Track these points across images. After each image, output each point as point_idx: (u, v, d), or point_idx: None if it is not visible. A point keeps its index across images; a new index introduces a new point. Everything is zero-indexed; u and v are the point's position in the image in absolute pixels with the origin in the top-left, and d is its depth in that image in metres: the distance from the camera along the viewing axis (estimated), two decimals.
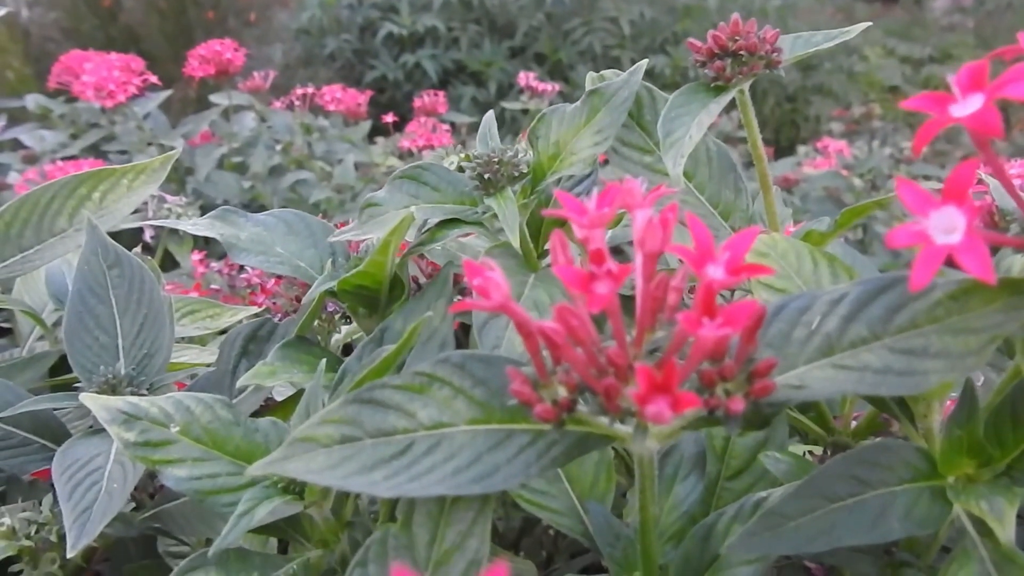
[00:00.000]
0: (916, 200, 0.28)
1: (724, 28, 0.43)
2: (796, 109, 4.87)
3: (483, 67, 4.62)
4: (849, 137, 3.53)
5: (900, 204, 0.30)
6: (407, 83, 4.62)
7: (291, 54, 4.80)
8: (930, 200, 0.28)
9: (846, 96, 4.82)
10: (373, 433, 0.34)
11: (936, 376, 0.31)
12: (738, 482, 0.46)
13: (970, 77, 0.28)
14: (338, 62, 4.75)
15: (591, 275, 0.28)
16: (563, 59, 4.70)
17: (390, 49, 4.69)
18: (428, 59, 4.58)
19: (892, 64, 5.02)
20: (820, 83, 4.86)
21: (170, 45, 4.21)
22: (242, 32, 4.40)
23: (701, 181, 0.51)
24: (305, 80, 4.42)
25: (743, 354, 0.30)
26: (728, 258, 0.28)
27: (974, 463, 0.35)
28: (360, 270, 0.47)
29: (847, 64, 4.95)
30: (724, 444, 0.47)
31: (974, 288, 0.31)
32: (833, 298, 0.33)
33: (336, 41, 4.67)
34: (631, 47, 4.69)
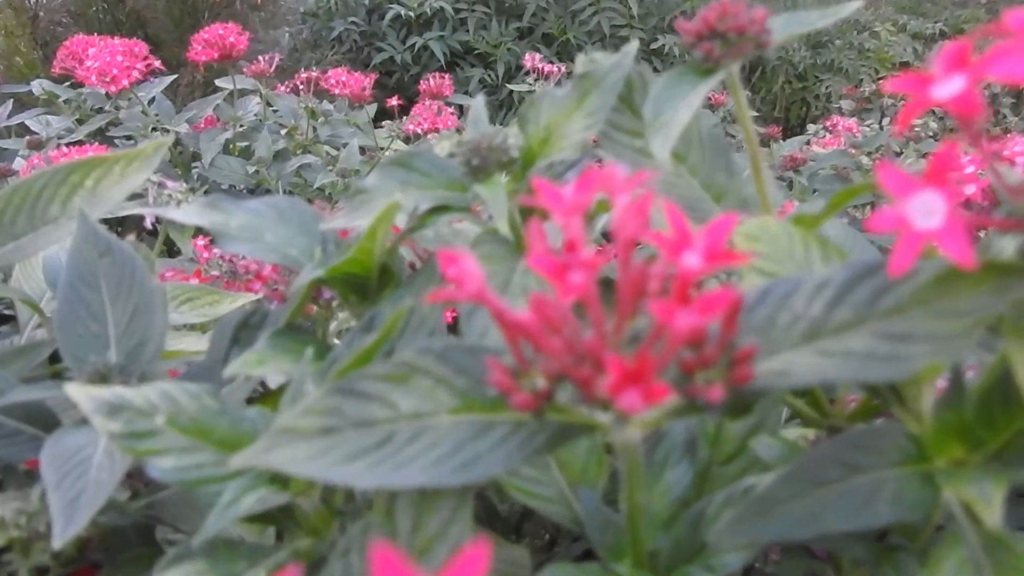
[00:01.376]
0: (897, 184, 0.27)
1: (714, 8, 0.43)
2: (806, 87, 4.83)
3: (491, 49, 4.60)
4: (859, 115, 3.49)
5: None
6: (415, 65, 4.61)
7: (298, 37, 4.79)
8: (911, 183, 0.27)
9: (857, 73, 4.77)
10: (355, 423, 0.34)
11: (921, 360, 0.30)
12: (730, 467, 0.46)
13: (952, 57, 0.28)
14: (345, 45, 4.74)
15: (566, 264, 0.27)
16: (571, 40, 4.68)
17: (397, 31, 4.68)
18: (436, 41, 4.56)
19: (903, 40, 4.97)
20: (830, 60, 4.82)
21: (177, 28, 4.20)
22: (249, 15, 4.39)
23: (694, 164, 0.50)
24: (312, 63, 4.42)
25: (724, 341, 0.30)
26: (706, 245, 0.27)
27: (964, 447, 0.35)
28: (348, 258, 0.46)
29: (857, 41, 4.90)
30: (716, 429, 0.47)
31: (960, 271, 0.31)
32: (819, 282, 0.33)
33: (343, 24, 4.66)
34: (640, 26, 4.66)
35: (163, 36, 4.20)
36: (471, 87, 4.52)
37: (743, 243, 0.44)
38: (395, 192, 0.49)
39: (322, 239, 0.52)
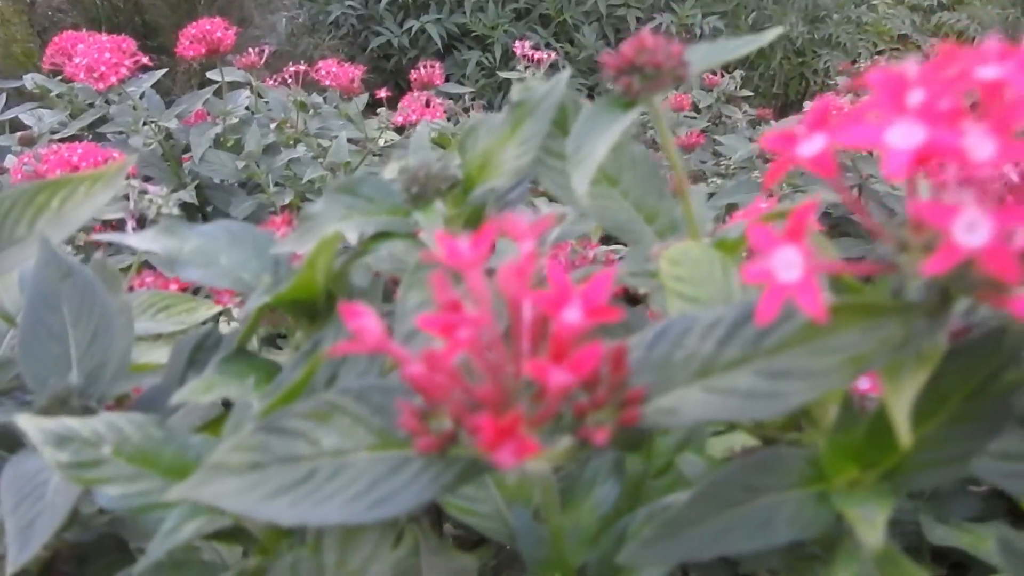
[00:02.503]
0: (762, 239, 0.29)
1: (632, 43, 0.44)
2: (805, 62, 4.81)
3: (488, 31, 4.59)
4: (856, 91, 3.49)
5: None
6: (412, 49, 4.61)
7: (295, 22, 4.79)
8: (774, 239, 0.29)
9: (855, 48, 4.75)
10: (280, 459, 0.36)
11: (797, 397, 0.32)
12: (662, 480, 0.48)
13: (815, 117, 0.30)
14: (343, 29, 4.74)
15: (453, 321, 0.29)
16: (568, 20, 4.67)
17: (395, 15, 4.67)
18: (433, 24, 4.56)
19: (902, 12, 4.94)
20: (828, 35, 4.80)
21: (174, 14, 4.21)
22: (244, 1, 4.39)
23: (627, 187, 0.52)
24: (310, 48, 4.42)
25: (613, 385, 0.32)
26: (585, 301, 0.29)
27: (858, 467, 0.37)
28: (292, 285, 0.48)
29: (855, 15, 4.88)
30: (648, 443, 0.49)
31: (836, 311, 0.33)
32: (711, 321, 0.35)
33: (340, 7, 4.65)
34: (636, 5, 4.65)
35: (161, 22, 4.21)
36: (468, 70, 4.52)
37: (667, 266, 0.46)
38: (341, 218, 0.51)
39: (275, 263, 0.54)
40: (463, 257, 0.31)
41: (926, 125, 0.27)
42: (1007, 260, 0.25)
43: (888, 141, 0.27)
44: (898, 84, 0.28)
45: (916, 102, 0.27)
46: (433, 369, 0.30)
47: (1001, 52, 0.28)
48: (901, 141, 0.27)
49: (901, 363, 0.32)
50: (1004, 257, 0.25)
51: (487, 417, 0.27)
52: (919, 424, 0.36)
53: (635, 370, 0.35)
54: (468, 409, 0.31)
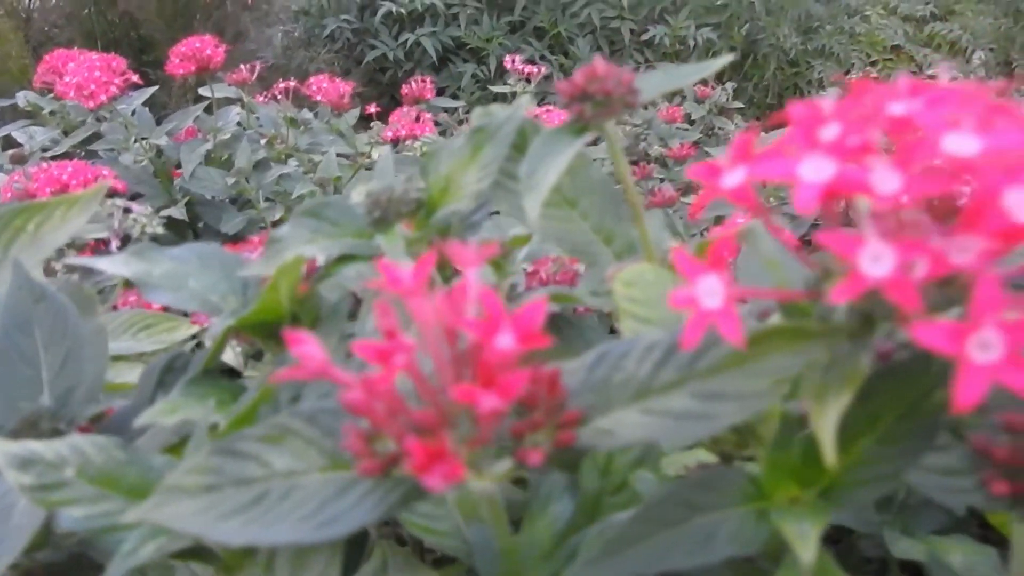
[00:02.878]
0: (688, 268, 0.30)
1: (584, 70, 0.46)
2: (799, 73, 4.83)
3: (483, 44, 4.62)
4: None
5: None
6: (408, 62, 4.63)
7: (291, 35, 4.81)
8: (698, 267, 0.30)
9: (848, 58, 4.78)
10: (234, 481, 0.37)
11: (728, 418, 0.33)
12: (619, 497, 0.49)
13: (738, 149, 0.31)
14: (338, 42, 4.76)
15: (389, 348, 0.30)
16: (562, 33, 4.70)
17: (390, 28, 4.70)
18: (428, 37, 4.58)
19: (894, 23, 4.97)
20: (821, 46, 4.82)
21: (169, 28, 4.22)
22: (240, 15, 4.42)
23: (585, 209, 0.53)
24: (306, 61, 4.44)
25: (549, 407, 0.33)
26: (517, 328, 0.30)
27: (797, 485, 0.38)
28: (255, 308, 0.49)
29: (848, 25, 4.91)
30: (606, 460, 0.50)
31: (767, 334, 0.34)
32: (649, 343, 0.36)
33: (336, 21, 4.68)
34: (630, 17, 4.67)
35: (156, 36, 4.23)
36: (464, 83, 4.54)
37: (621, 288, 0.47)
38: (306, 241, 0.53)
39: (243, 285, 0.56)
40: (404, 284, 0.32)
41: (836, 160, 0.28)
42: (908, 290, 0.26)
43: (800, 175, 0.28)
44: (813, 119, 0.29)
45: (828, 137, 0.28)
46: (371, 394, 0.31)
47: (912, 88, 0.29)
48: (812, 175, 0.28)
49: (827, 385, 0.33)
50: (905, 287, 0.26)
51: (417, 441, 0.28)
52: (853, 443, 0.37)
53: (576, 392, 0.36)
54: (409, 432, 0.32)
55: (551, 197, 0.54)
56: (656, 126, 3.03)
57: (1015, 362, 0.25)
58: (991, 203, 0.26)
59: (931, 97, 0.29)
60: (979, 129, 0.27)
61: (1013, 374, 0.25)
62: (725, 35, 4.75)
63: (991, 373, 0.25)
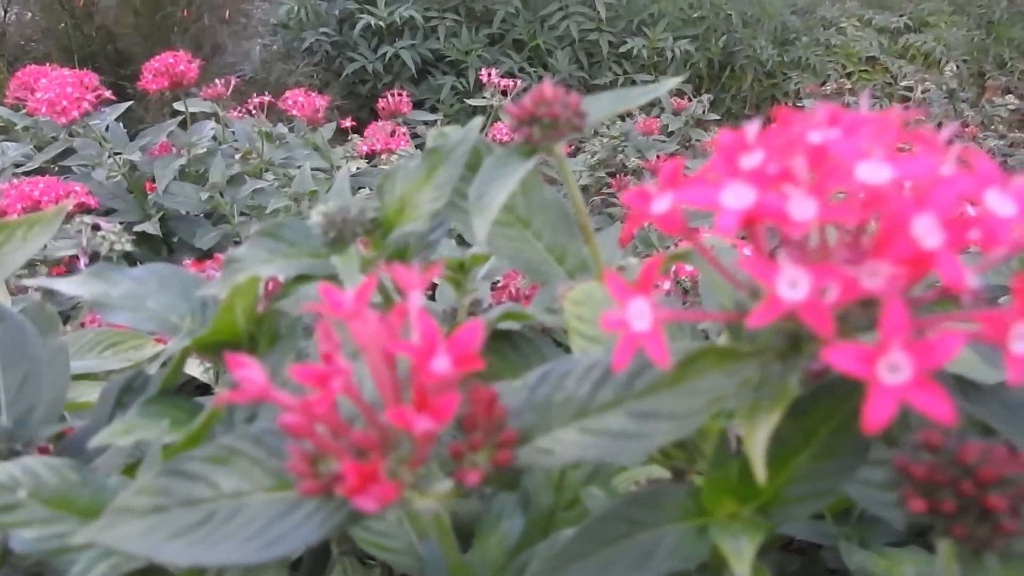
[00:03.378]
0: (618, 290, 0.31)
1: (533, 94, 0.46)
2: (776, 84, 4.88)
3: (462, 56, 4.63)
4: None
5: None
6: (387, 74, 4.64)
7: (269, 49, 4.82)
8: (628, 291, 0.31)
9: (824, 69, 4.83)
10: (181, 502, 0.37)
11: (662, 437, 0.34)
12: (571, 512, 0.50)
13: (667, 176, 0.32)
14: (317, 55, 4.77)
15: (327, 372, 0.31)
16: (541, 45, 4.72)
17: (369, 41, 4.71)
18: (407, 50, 4.60)
19: (869, 35, 5.02)
20: (798, 58, 4.87)
21: (146, 42, 4.21)
22: (218, 29, 4.41)
23: (538, 229, 0.54)
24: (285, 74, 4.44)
25: (487, 428, 0.34)
26: (452, 351, 0.31)
27: (735, 501, 0.39)
28: (211, 328, 0.50)
29: (824, 37, 4.96)
30: (559, 476, 0.51)
31: (701, 355, 0.35)
32: (589, 364, 0.37)
33: (314, 34, 4.69)
34: (608, 29, 4.71)
35: (133, 50, 4.22)
36: (443, 95, 4.56)
37: (570, 307, 0.48)
38: (263, 262, 0.53)
39: (203, 305, 0.56)
40: (344, 308, 0.33)
41: (756, 188, 0.29)
42: (821, 314, 0.27)
43: (722, 202, 0.29)
44: (736, 147, 0.30)
45: (749, 165, 0.29)
46: (309, 416, 0.31)
47: (831, 118, 0.30)
48: (733, 202, 0.29)
49: (758, 404, 0.34)
50: (819, 311, 0.27)
51: (352, 463, 0.29)
52: (789, 459, 0.38)
53: (519, 411, 0.37)
54: (350, 453, 0.33)
55: (505, 217, 0.55)
56: (633, 138, 3.05)
57: (922, 383, 0.26)
58: (900, 230, 0.27)
59: (848, 126, 0.30)
60: (891, 158, 0.28)
61: (920, 395, 0.26)
62: (702, 47, 4.79)
63: (900, 394, 0.26)
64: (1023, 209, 0.27)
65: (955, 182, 0.27)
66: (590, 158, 2.99)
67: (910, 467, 0.30)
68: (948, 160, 0.29)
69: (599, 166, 2.98)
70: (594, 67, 4.78)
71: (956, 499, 0.29)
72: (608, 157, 3.01)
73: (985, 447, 0.30)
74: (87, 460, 0.53)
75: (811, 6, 5.28)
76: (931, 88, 3.51)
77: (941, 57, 4.83)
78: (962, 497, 0.29)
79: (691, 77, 4.75)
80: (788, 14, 5.02)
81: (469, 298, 0.65)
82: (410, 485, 0.34)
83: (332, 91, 4.38)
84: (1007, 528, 0.28)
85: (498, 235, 0.54)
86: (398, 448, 0.33)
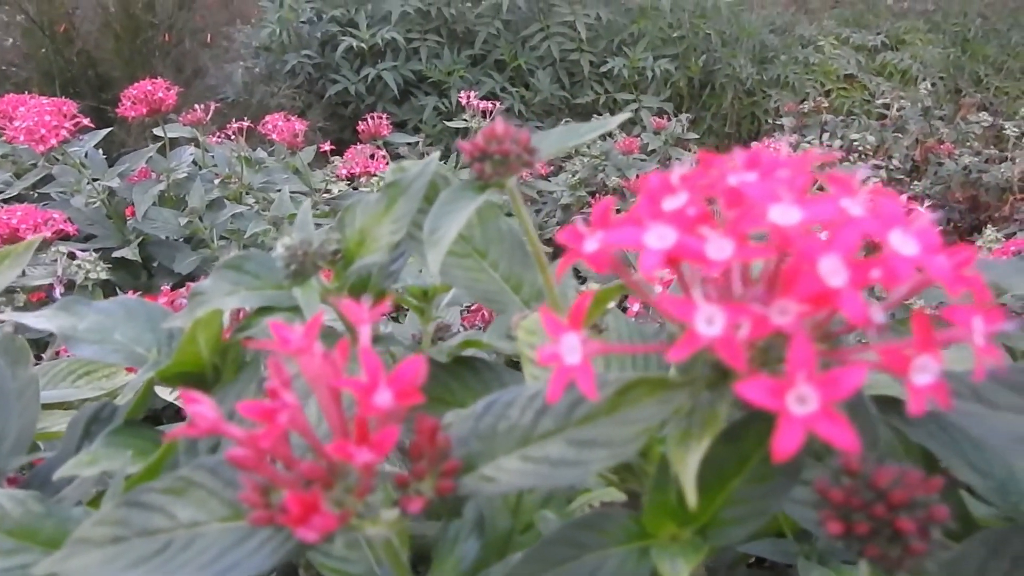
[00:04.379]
0: (552, 326, 0.33)
1: (485, 131, 0.48)
2: (755, 102, 4.93)
3: (444, 77, 4.67)
4: (800, 131, 3.58)
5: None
6: (369, 95, 4.67)
7: (252, 71, 4.83)
8: (561, 326, 0.33)
9: (803, 87, 4.88)
10: (139, 532, 0.38)
11: (599, 464, 0.36)
12: (528, 535, 0.51)
13: (597, 216, 0.33)
14: (299, 77, 4.79)
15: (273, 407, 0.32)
16: (522, 65, 4.76)
17: (351, 62, 4.74)
18: (389, 71, 4.62)
19: (847, 53, 5.08)
20: (777, 76, 4.93)
21: (128, 67, 4.22)
22: (199, 53, 4.43)
23: (495, 259, 0.56)
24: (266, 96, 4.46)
25: (432, 457, 0.35)
26: (394, 386, 0.33)
27: (675, 524, 0.40)
28: (175, 360, 0.51)
29: (802, 56, 5.02)
30: (516, 500, 0.52)
31: (635, 384, 0.36)
32: (532, 393, 0.38)
33: (297, 56, 4.71)
34: (589, 49, 4.75)
35: (115, 75, 4.22)
36: (425, 115, 4.59)
37: (523, 336, 0.50)
38: (227, 294, 0.54)
39: (169, 336, 0.57)
40: (293, 344, 0.35)
41: (677, 229, 0.30)
42: (734, 348, 0.28)
43: (646, 242, 0.31)
44: (660, 190, 0.32)
45: (671, 207, 0.31)
46: (257, 450, 0.33)
47: (748, 161, 0.32)
48: (656, 243, 0.30)
49: (689, 431, 0.35)
50: (732, 346, 0.28)
51: (294, 495, 0.30)
52: (725, 483, 0.39)
53: (465, 440, 0.38)
54: (300, 485, 0.34)
55: (462, 248, 0.57)
56: (614, 157, 3.08)
57: (828, 414, 0.27)
58: (808, 269, 0.28)
59: (765, 169, 0.31)
60: (800, 201, 0.29)
61: (826, 425, 0.27)
62: (682, 66, 4.84)
63: (807, 424, 0.27)
64: (926, 249, 0.29)
65: (860, 223, 0.29)
66: (571, 177, 3.02)
67: (829, 491, 0.32)
68: (858, 201, 0.30)
69: (580, 185, 3.01)
70: (575, 86, 4.82)
71: (870, 522, 0.31)
72: (589, 176, 3.04)
73: (899, 471, 0.31)
74: (55, 490, 0.54)
75: (789, 25, 5.34)
76: (907, 106, 3.56)
77: (918, 74, 4.90)
78: (875, 520, 0.31)
79: (672, 96, 4.81)
80: (767, 33, 5.08)
81: (433, 325, 0.66)
82: (358, 513, 0.35)
83: (314, 113, 4.41)
84: (916, 549, 0.30)
85: (455, 265, 0.56)
86: (346, 478, 0.35)
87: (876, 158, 3.26)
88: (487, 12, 4.76)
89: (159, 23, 4.25)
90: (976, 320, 0.28)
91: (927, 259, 0.28)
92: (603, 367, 0.48)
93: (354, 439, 0.32)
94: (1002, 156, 3.17)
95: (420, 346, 0.66)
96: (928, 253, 0.28)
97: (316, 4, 4.85)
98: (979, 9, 5.49)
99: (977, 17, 5.42)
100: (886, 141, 3.41)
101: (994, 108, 4.59)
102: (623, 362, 0.48)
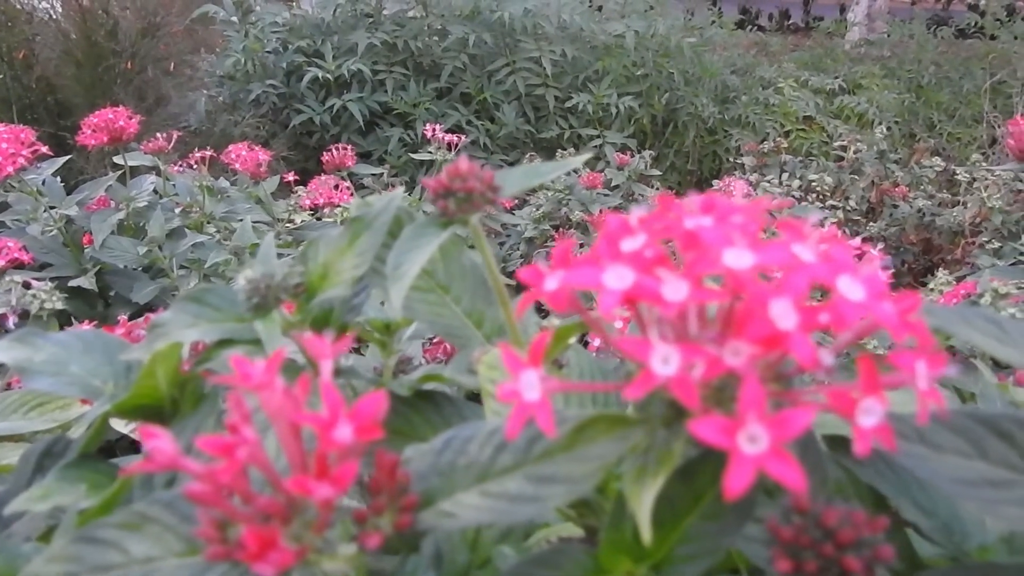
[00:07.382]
0: (511, 363, 0.33)
1: (449, 169, 0.49)
2: (717, 141, 5.01)
3: (410, 108, 4.68)
4: (760, 170, 3.64)
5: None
6: (334, 126, 4.67)
7: (215, 100, 4.81)
8: (521, 363, 0.33)
9: (763, 127, 4.97)
10: (92, 569, 0.38)
11: (557, 499, 0.36)
12: (485, 571, 0.51)
13: (558, 256, 0.34)
14: (264, 107, 4.78)
15: (232, 442, 0.32)
16: (488, 99, 4.80)
17: (316, 93, 4.74)
18: (354, 102, 4.63)
19: (806, 95, 5.19)
20: (738, 116, 5.01)
21: (88, 94, 4.19)
22: (162, 80, 4.40)
23: (458, 294, 0.56)
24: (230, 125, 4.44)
25: (391, 493, 0.35)
26: (355, 421, 0.33)
27: (631, 560, 0.41)
28: (132, 393, 0.51)
29: (763, 97, 5.11)
30: (474, 535, 0.52)
31: (593, 422, 0.37)
32: (491, 429, 0.39)
33: (261, 86, 4.70)
34: (555, 85, 4.80)
35: (75, 101, 4.18)
36: (391, 146, 4.59)
37: (484, 371, 0.50)
38: (187, 326, 0.54)
39: (127, 369, 0.57)
40: (253, 380, 0.35)
41: (635, 270, 0.31)
42: (688, 388, 0.29)
43: (604, 283, 0.31)
44: (619, 231, 0.33)
45: (629, 249, 0.32)
46: (215, 485, 0.33)
47: (704, 206, 0.33)
48: (615, 283, 0.31)
49: (644, 468, 0.36)
50: (686, 386, 0.29)
51: (252, 530, 0.30)
52: (680, 520, 0.40)
53: (424, 475, 0.39)
54: (259, 520, 0.34)
55: (425, 283, 0.57)
56: (577, 192, 3.11)
57: (778, 454, 0.28)
58: (760, 311, 0.29)
59: (719, 214, 0.32)
60: (754, 245, 0.30)
61: (775, 464, 0.28)
62: (646, 103, 4.91)
63: (757, 463, 0.28)
64: (872, 295, 0.30)
65: (810, 268, 0.30)
66: (535, 211, 3.05)
67: (779, 529, 0.32)
68: (809, 246, 0.31)
69: (544, 219, 3.03)
70: (540, 121, 4.86)
71: (818, 560, 0.31)
72: (553, 210, 3.06)
73: (847, 511, 0.32)
74: (5, 525, 0.53)
75: (750, 67, 5.45)
76: (863, 149, 3.64)
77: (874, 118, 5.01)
78: (823, 558, 0.31)
79: (635, 132, 4.87)
80: (728, 74, 5.17)
81: (394, 358, 0.66)
82: (316, 549, 0.35)
83: (279, 142, 4.39)
84: None
85: (418, 300, 0.56)
86: (304, 513, 0.35)
87: (833, 199, 3.32)
88: (454, 46, 4.80)
89: (121, 51, 4.22)
90: (920, 364, 0.29)
91: (873, 304, 0.29)
92: (563, 403, 0.48)
93: (313, 474, 0.32)
94: (955, 200, 3.25)
95: (381, 379, 0.67)
96: (874, 299, 0.29)
97: (282, 34, 4.86)
98: (933, 57, 5.65)
99: (931, 65, 5.57)
100: (843, 182, 3.48)
101: (947, 153, 4.71)
102: (583, 398, 0.49)
